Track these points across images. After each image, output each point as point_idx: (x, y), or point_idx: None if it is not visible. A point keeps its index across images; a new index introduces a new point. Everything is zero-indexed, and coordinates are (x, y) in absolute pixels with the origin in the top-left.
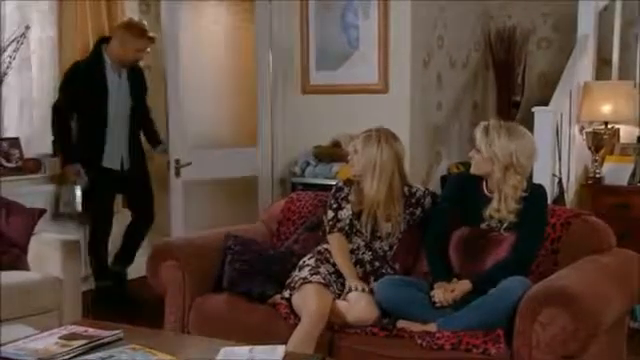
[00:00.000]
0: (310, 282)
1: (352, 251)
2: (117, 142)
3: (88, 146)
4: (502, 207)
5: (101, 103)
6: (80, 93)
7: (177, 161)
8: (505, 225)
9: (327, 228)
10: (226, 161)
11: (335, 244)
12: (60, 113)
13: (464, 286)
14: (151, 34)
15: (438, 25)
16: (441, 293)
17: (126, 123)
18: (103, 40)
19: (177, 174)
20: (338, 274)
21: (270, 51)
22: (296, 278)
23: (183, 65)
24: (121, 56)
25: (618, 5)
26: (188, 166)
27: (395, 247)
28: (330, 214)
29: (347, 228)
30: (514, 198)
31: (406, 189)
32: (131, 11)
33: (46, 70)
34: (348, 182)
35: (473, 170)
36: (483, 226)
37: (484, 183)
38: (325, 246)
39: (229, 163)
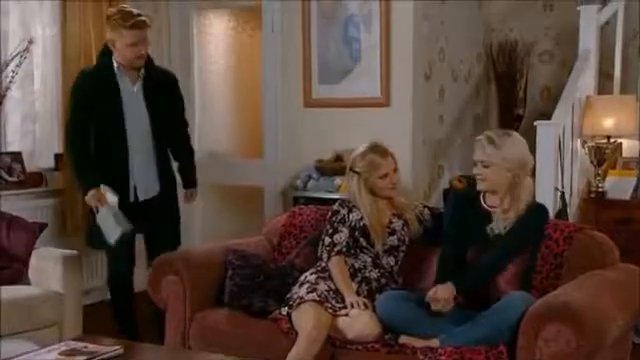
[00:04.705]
0: (306, 301)
1: (359, 269)
2: (137, 167)
3: (105, 169)
4: (513, 207)
5: (115, 116)
6: (92, 103)
7: None
8: (507, 228)
9: (325, 254)
10: (233, 172)
11: (335, 268)
12: (76, 129)
13: (447, 289)
14: (141, 17)
15: (440, 38)
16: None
17: (145, 142)
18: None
19: None
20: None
21: (275, 64)
22: (294, 296)
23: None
24: (120, 57)
25: (620, 19)
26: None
27: (400, 262)
28: (327, 240)
29: (352, 247)
30: (526, 200)
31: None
32: None
33: (49, 84)
34: (344, 203)
35: (485, 187)
36: (488, 232)
37: (482, 199)
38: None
39: (236, 175)
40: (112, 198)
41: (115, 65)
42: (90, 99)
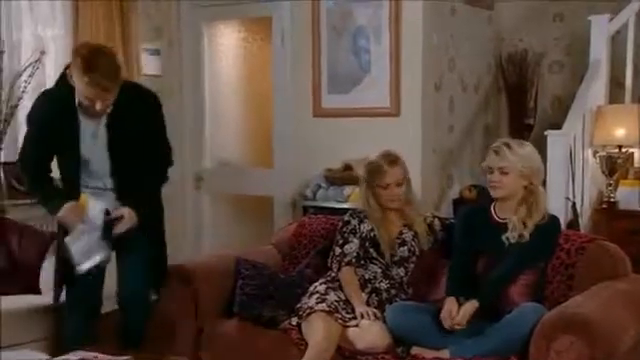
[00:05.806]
0: (315, 311)
1: (369, 280)
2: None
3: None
4: (532, 216)
5: (71, 152)
6: (50, 129)
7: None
8: (526, 237)
9: (335, 265)
10: (243, 182)
11: (345, 278)
12: (32, 155)
13: (470, 307)
14: (104, 80)
15: (449, 49)
16: (448, 320)
17: (105, 187)
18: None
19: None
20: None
21: (285, 74)
22: (304, 306)
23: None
24: (77, 94)
25: (630, 28)
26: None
27: (410, 273)
28: (337, 250)
29: (362, 257)
30: (544, 209)
31: None
32: (143, 38)
33: None
34: (355, 213)
35: (500, 194)
36: (503, 241)
37: (493, 211)
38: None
39: (246, 184)
40: (97, 209)
41: (77, 100)
42: (48, 124)
